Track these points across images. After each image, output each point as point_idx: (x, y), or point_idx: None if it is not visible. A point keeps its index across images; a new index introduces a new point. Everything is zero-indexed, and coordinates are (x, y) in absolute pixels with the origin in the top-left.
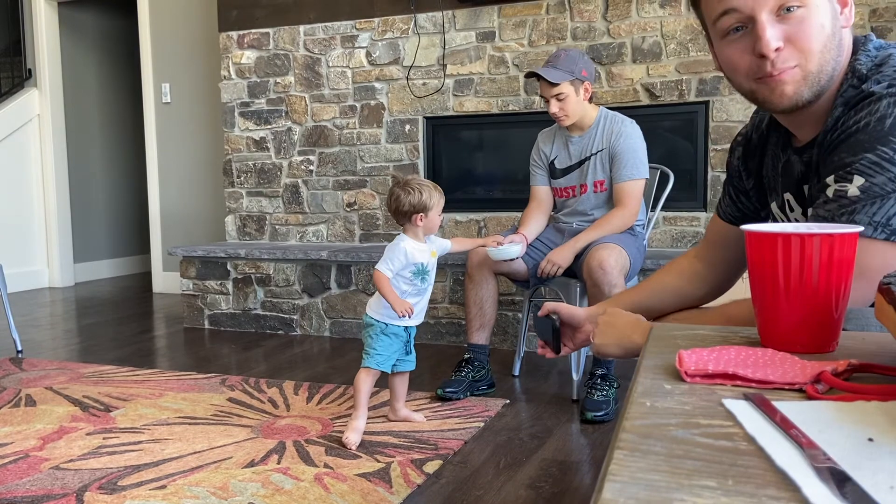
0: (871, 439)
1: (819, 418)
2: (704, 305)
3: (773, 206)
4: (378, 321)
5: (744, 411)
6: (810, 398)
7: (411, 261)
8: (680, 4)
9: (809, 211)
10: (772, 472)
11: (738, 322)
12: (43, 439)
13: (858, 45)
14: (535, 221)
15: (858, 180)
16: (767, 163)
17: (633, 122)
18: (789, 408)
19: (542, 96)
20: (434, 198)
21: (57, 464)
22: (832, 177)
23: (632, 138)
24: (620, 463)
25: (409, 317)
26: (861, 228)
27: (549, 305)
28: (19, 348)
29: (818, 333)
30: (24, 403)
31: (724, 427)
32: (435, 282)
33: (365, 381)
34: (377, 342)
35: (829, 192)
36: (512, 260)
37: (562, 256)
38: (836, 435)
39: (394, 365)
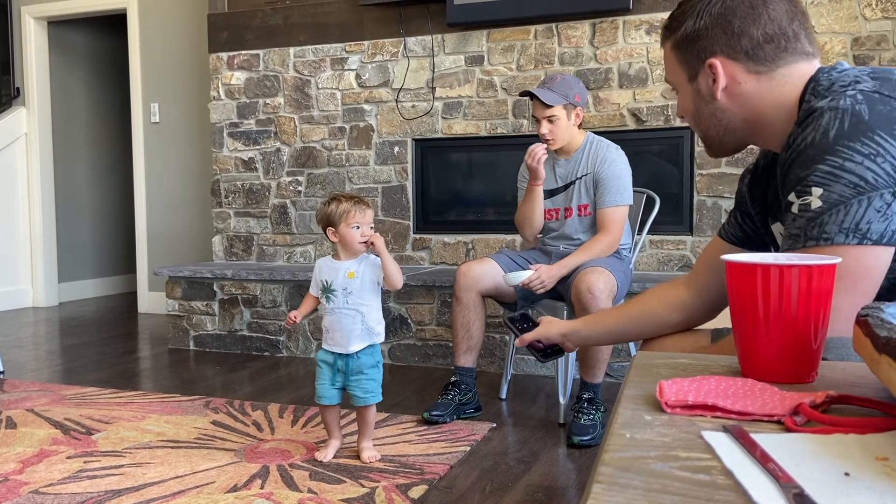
0: (847, 473)
1: (797, 451)
2: (697, 328)
3: (775, 227)
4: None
5: (722, 444)
6: (788, 430)
7: (318, 277)
8: None
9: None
10: None
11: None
12: (23, 462)
13: (821, 72)
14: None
15: (817, 191)
16: (772, 186)
17: (619, 148)
18: (767, 440)
19: (534, 116)
20: (344, 211)
21: (37, 488)
22: (793, 193)
23: (616, 164)
24: (598, 497)
25: (290, 326)
26: (839, 260)
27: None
28: (1, 369)
29: (797, 364)
30: (5, 426)
31: (703, 460)
32: (423, 303)
33: (322, 413)
34: (317, 373)
35: (795, 209)
36: (518, 285)
37: (550, 275)
38: (813, 469)
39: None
